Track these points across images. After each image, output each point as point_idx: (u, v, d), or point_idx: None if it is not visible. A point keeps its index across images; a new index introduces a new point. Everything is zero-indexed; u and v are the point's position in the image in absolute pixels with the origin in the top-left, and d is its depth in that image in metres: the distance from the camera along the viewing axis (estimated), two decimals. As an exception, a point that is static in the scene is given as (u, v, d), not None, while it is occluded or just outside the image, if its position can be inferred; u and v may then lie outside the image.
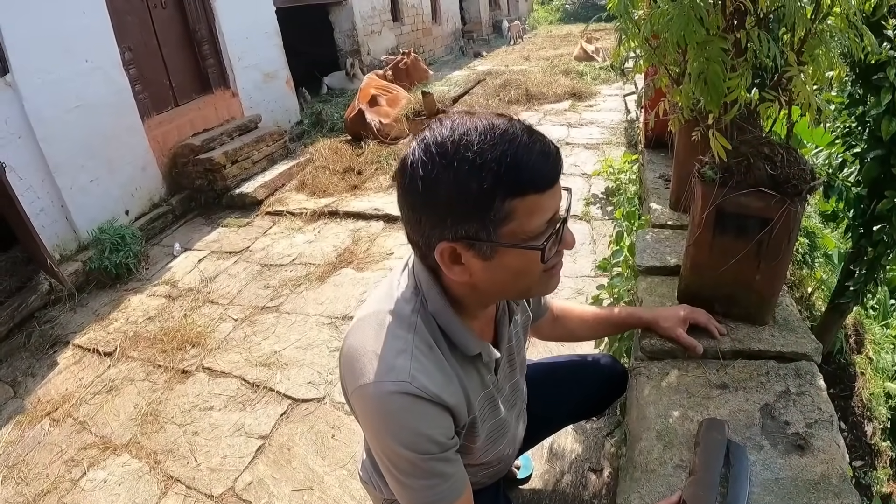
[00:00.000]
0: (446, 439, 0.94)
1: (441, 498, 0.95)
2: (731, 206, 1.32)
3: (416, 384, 0.87)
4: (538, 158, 0.80)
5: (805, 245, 2.49)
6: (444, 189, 0.80)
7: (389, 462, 0.94)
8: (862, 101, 1.62)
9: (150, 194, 4.79)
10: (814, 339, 1.45)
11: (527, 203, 0.80)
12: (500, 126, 0.80)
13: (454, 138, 0.79)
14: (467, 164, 0.78)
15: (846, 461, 1.16)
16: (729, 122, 1.35)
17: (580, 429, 2.22)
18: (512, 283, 0.91)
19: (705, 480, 1.10)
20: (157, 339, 3.13)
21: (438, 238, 0.84)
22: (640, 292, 1.74)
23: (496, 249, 0.84)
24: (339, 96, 8.10)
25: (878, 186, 1.62)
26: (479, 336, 1.03)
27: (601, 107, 6.76)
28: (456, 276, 0.88)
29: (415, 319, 0.93)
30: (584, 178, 4.63)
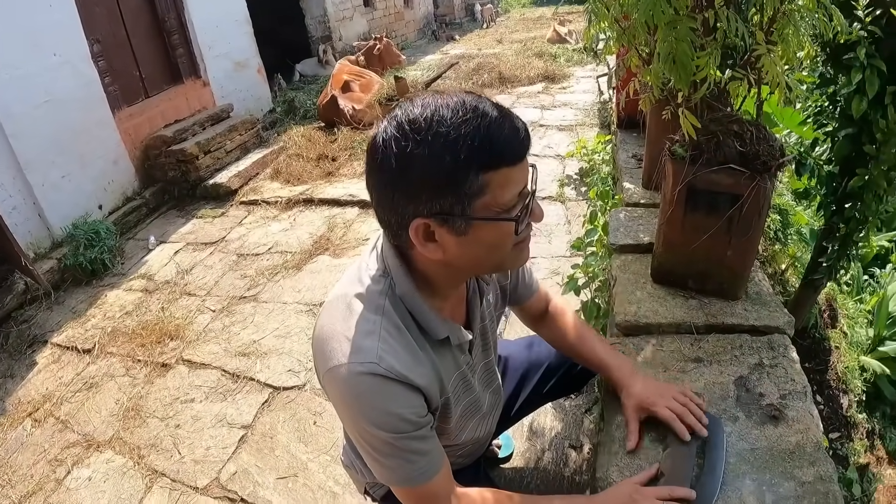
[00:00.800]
0: (418, 417, 0.94)
1: (420, 474, 0.96)
2: (701, 183, 1.34)
3: (384, 365, 0.88)
4: (509, 132, 0.81)
5: (777, 222, 2.53)
6: (418, 165, 0.80)
7: (365, 442, 0.95)
8: (833, 80, 1.64)
9: (123, 188, 4.71)
10: (786, 313, 1.48)
11: (500, 176, 0.82)
12: (470, 102, 0.81)
13: (426, 115, 0.80)
14: (441, 139, 0.79)
15: (820, 430, 1.19)
16: (699, 101, 1.37)
17: (559, 406, 2.25)
18: (485, 258, 0.92)
19: (682, 452, 1.12)
20: (135, 333, 3.10)
21: (412, 215, 0.85)
22: (614, 270, 1.76)
23: (470, 224, 0.84)
24: (311, 83, 8.00)
25: (849, 164, 1.64)
26: (450, 317, 1.04)
27: (574, 89, 6.77)
28: (430, 254, 0.89)
29: (382, 302, 0.94)
30: (557, 160, 4.65)
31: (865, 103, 1.43)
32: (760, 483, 1.07)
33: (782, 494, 1.05)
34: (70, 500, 2.15)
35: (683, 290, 1.57)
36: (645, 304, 1.55)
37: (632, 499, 1.02)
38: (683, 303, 1.53)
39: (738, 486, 1.07)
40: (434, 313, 0.98)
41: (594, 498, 1.06)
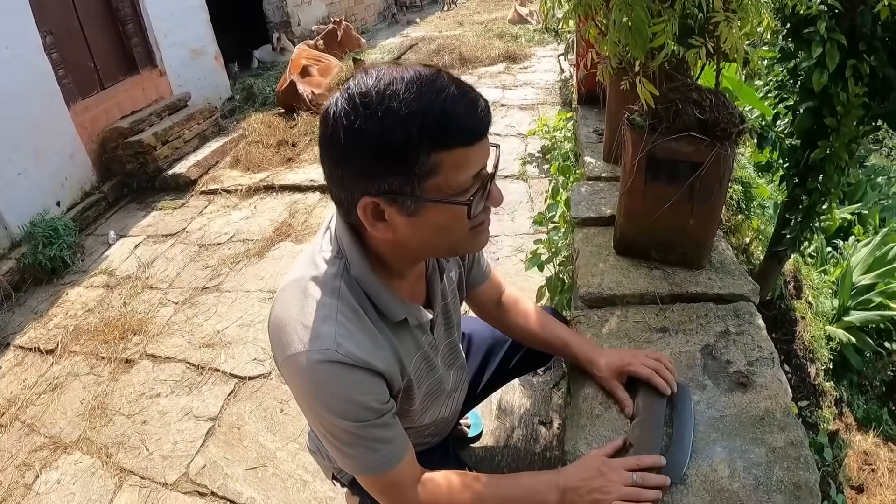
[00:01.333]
0: (380, 404, 0.92)
1: (383, 462, 0.94)
2: (661, 152, 1.33)
3: (342, 351, 0.85)
4: (466, 110, 0.77)
5: (740, 193, 2.56)
6: (367, 140, 0.76)
7: (326, 432, 0.93)
8: (793, 54, 1.64)
9: (81, 183, 4.58)
10: (751, 280, 1.49)
11: (453, 156, 0.78)
12: (427, 76, 0.77)
13: (379, 88, 0.76)
14: (392, 115, 0.74)
15: (789, 396, 1.19)
16: (657, 70, 1.36)
17: (527, 383, 2.26)
18: (437, 241, 0.89)
19: (650, 422, 1.11)
20: (98, 330, 3.03)
21: (361, 193, 0.81)
22: (576, 244, 1.75)
23: (421, 205, 0.81)
24: (270, 69, 7.86)
25: (810, 137, 1.65)
26: (409, 297, 1.02)
27: (535, 68, 6.77)
28: (379, 234, 0.86)
29: (338, 284, 0.91)
30: (519, 138, 4.65)
31: (826, 77, 1.43)
32: (731, 450, 1.08)
33: (753, 460, 1.05)
34: None
35: (647, 260, 1.56)
36: (608, 275, 1.54)
37: (599, 471, 1.01)
38: (647, 273, 1.53)
39: (708, 454, 1.07)
40: (391, 294, 0.95)
41: (561, 472, 1.05)
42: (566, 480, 1.01)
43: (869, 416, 2.80)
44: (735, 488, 1.01)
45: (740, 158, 2.85)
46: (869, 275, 3.00)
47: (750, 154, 2.90)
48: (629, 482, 0.99)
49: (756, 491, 1.00)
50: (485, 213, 0.89)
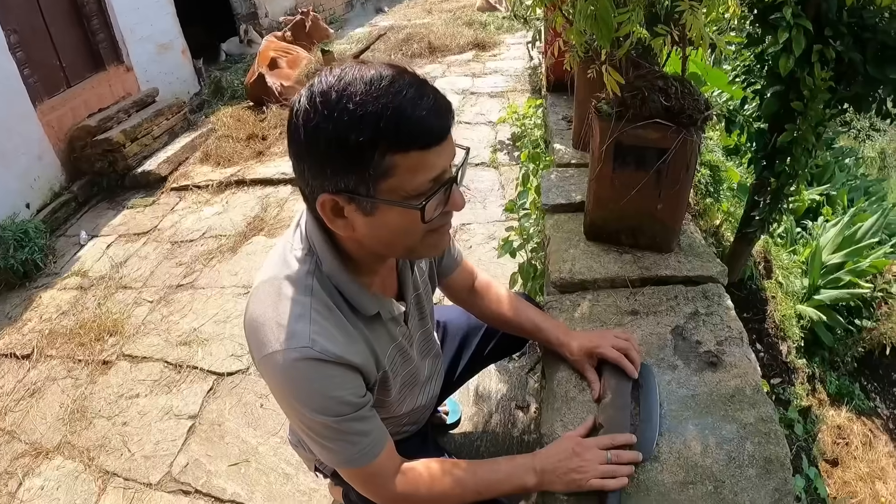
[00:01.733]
0: (358, 398, 0.93)
1: (363, 454, 0.96)
2: (628, 139, 1.36)
3: (318, 347, 0.86)
4: (424, 113, 0.77)
5: (708, 177, 2.59)
6: (323, 139, 0.77)
7: (306, 428, 0.94)
8: (760, 40, 1.67)
9: (50, 183, 4.49)
10: (719, 262, 1.52)
11: (409, 159, 0.78)
12: (387, 77, 0.77)
13: (339, 87, 0.76)
14: (347, 115, 0.75)
15: (758, 374, 1.23)
16: (624, 59, 1.38)
17: (503, 369, 2.28)
18: (395, 241, 0.89)
19: (617, 402, 1.14)
20: (73, 333, 2.99)
21: (320, 189, 0.82)
22: (547, 230, 1.77)
23: (377, 205, 0.82)
24: (238, 62, 7.74)
25: (778, 120, 1.68)
26: (380, 291, 1.03)
27: (505, 56, 6.76)
28: (339, 230, 0.87)
29: (311, 282, 0.92)
30: (489, 126, 4.66)
31: (792, 61, 1.45)
32: (703, 427, 1.11)
33: (725, 437, 1.08)
34: None
35: (617, 245, 1.59)
36: (579, 261, 1.56)
37: (574, 452, 1.04)
38: (617, 258, 1.55)
39: (681, 432, 1.10)
40: (362, 290, 0.96)
41: (537, 455, 1.07)
42: (543, 463, 1.04)
43: (841, 391, 2.87)
44: (708, 464, 1.04)
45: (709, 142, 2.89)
46: (838, 254, 3.06)
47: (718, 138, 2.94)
48: (604, 460, 1.02)
49: (728, 466, 1.04)
50: (443, 218, 0.89)
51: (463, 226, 3.31)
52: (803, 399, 2.45)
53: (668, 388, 1.20)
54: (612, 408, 1.13)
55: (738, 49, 1.91)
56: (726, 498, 0.99)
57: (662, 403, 1.16)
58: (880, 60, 1.46)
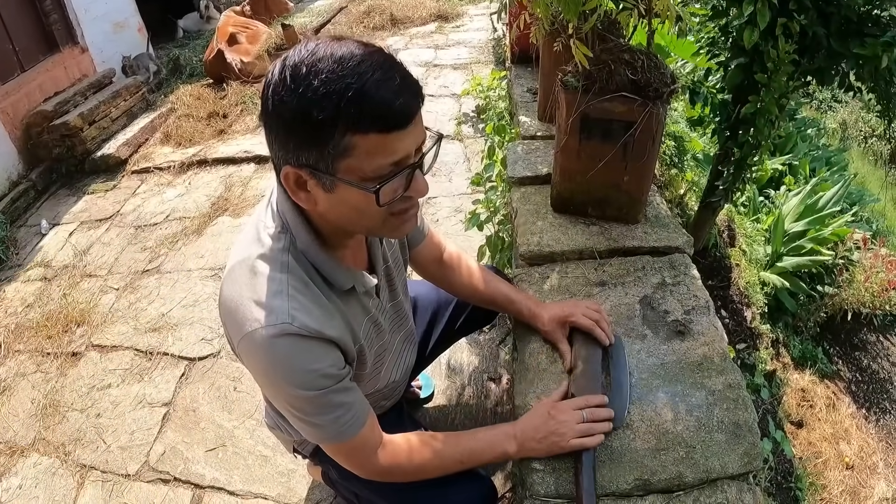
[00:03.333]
0: (338, 370, 0.94)
1: (348, 427, 0.97)
2: (595, 112, 1.37)
3: (297, 323, 0.86)
4: (387, 96, 0.76)
5: (673, 148, 2.62)
6: (288, 112, 0.77)
7: (289, 405, 0.94)
8: (725, 12, 1.68)
9: (8, 173, 4.35)
10: (685, 233, 1.55)
11: (368, 141, 0.78)
12: (357, 56, 0.77)
13: (308, 62, 0.76)
14: (311, 92, 0.75)
15: (725, 342, 1.26)
16: (590, 32, 1.38)
17: (474, 342, 2.30)
18: (354, 220, 0.89)
19: (588, 372, 1.17)
20: (40, 326, 2.92)
21: (284, 161, 0.83)
22: (514, 202, 1.78)
23: (335, 183, 0.82)
24: (196, 39, 7.50)
25: (741, 92, 1.69)
26: (351, 264, 1.03)
27: (468, 27, 6.69)
28: (302, 203, 0.88)
29: (286, 259, 0.92)
30: (453, 99, 4.63)
31: (757, 34, 1.46)
32: (673, 395, 1.14)
33: (694, 403, 1.12)
34: None
35: (584, 217, 1.61)
36: (547, 233, 1.58)
37: (550, 415, 1.07)
38: (585, 229, 1.57)
39: (651, 400, 1.13)
40: (337, 264, 0.97)
41: (516, 424, 1.10)
42: (522, 430, 1.07)
43: (805, 355, 2.96)
44: (679, 430, 1.08)
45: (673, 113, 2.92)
46: (800, 222, 3.13)
47: (683, 109, 2.97)
48: (580, 419, 1.05)
49: (699, 432, 1.07)
50: (404, 202, 0.89)
51: (429, 199, 3.29)
52: (768, 363, 2.52)
53: (637, 358, 1.23)
54: (584, 377, 1.16)
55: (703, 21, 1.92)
56: (697, 462, 1.03)
57: (632, 373, 1.19)
58: (843, 35, 1.48)
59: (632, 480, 1.02)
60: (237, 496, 1.92)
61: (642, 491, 1.02)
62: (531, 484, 1.05)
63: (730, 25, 1.69)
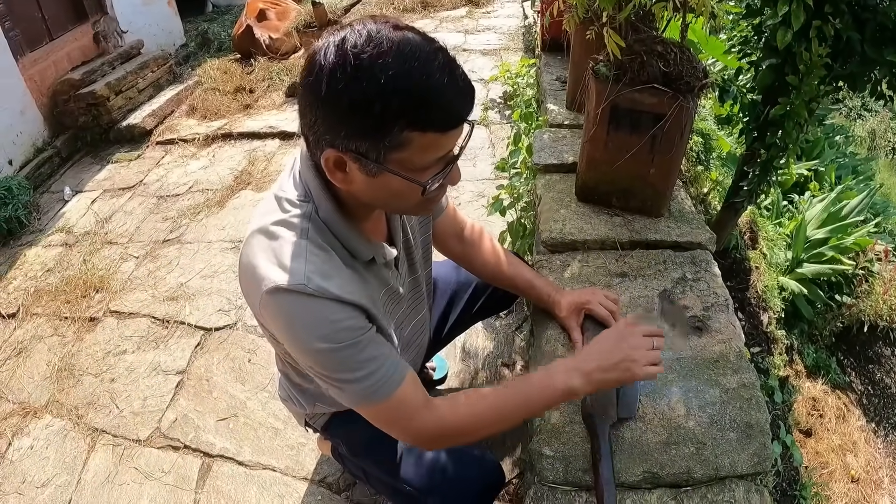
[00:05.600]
0: (361, 323, 0.92)
1: (383, 383, 0.92)
2: (624, 102, 1.36)
3: (312, 285, 0.86)
4: (451, 99, 0.78)
5: (700, 145, 2.60)
6: (346, 100, 0.76)
7: (316, 364, 0.92)
8: (759, 11, 1.65)
9: (33, 139, 4.40)
10: (708, 230, 1.54)
11: (425, 139, 0.79)
12: (423, 54, 0.76)
13: (373, 54, 0.74)
14: (376, 86, 0.74)
15: (742, 341, 1.25)
16: (624, 21, 1.37)
17: (490, 326, 2.31)
18: (390, 202, 0.91)
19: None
20: (59, 290, 2.96)
21: (329, 144, 0.82)
22: (538, 189, 1.78)
23: (382, 171, 0.83)
24: (225, 13, 7.56)
25: (771, 93, 1.67)
26: (371, 235, 1.03)
27: (499, 13, 6.65)
28: (336, 182, 0.87)
29: (306, 225, 0.91)
30: (481, 84, 4.61)
31: (790, 35, 1.44)
32: (687, 390, 1.13)
33: (708, 400, 1.11)
34: (15, 473, 2.07)
35: (608, 207, 1.60)
36: (570, 221, 1.57)
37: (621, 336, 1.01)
38: (608, 220, 1.57)
39: (665, 394, 1.13)
40: (359, 234, 0.97)
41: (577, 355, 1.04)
42: (587, 360, 1.00)
43: (818, 364, 2.93)
44: (690, 426, 1.07)
45: (701, 111, 2.89)
46: (822, 229, 3.09)
47: (711, 107, 2.94)
48: (651, 345, 1.00)
49: (710, 428, 1.06)
50: (440, 190, 0.91)
51: (453, 184, 3.27)
52: (781, 369, 2.49)
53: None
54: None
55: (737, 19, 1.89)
56: (707, 459, 1.02)
57: None
58: (878, 41, 1.45)
59: (640, 473, 1.02)
60: (245, 466, 1.94)
61: (650, 484, 1.02)
62: (540, 470, 1.05)
63: (763, 25, 1.67)
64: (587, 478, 1.03)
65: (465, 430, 0.99)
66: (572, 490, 1.03)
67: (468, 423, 0.99)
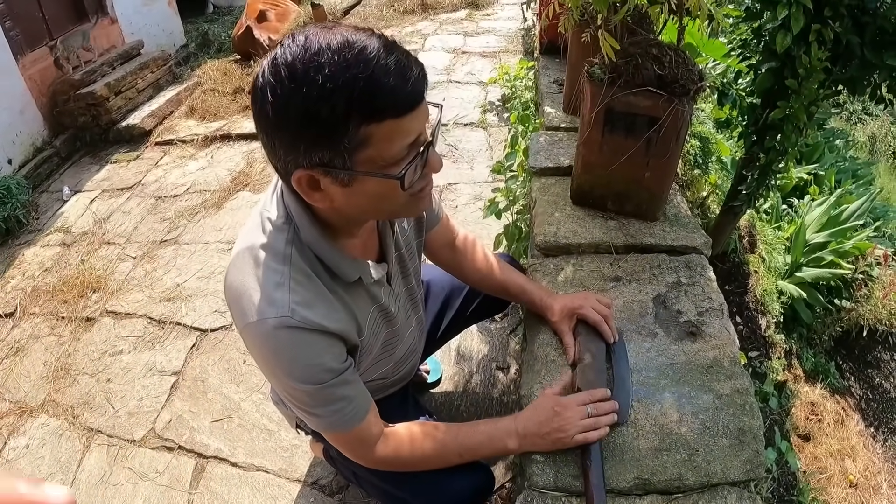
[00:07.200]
0: (339, 364, 0.93)
1: (349, 419, 0.97)
2: (619, 105, 1.35)
3: (297, 317, 0.85)
4: (396, 80, 0.74)
5: (698, 149, 2.59)
6: (294, 114, 0.74)
7: (291, 396, 0.95)
8: (759, 14, 1.64)
9: (33, 139, 4.41)
10: (703, 234, 1.53)
11: (384, 128, 0.76)
12: (356, 44, 0.73)
13: (305, 58, 0.72)
14: (316, 89, 0.71)
15: (737, 346, 1.24)
16: (619, 24, 1.36)
17: (485, 330, 2.31)
18: (376, 208, 0.88)
19: (594, 366, 1.16)
20: (56, 290, 2.97)
21: (294, 165, 0.79)
22: (534, 192, 1.77)
23: (354, 176, 0.80)
24: (226, 14, 7.60)
25: (771, 96, 1.67)
26: (360, 254, 1.02)
27: (498, 16, 6.65)
28: (317, 203, 0.85)
29: (289, 251, 0.90)
30: (479, 86, 4.61)
31: (790, 39, 1.43)
32: (680, 396, 1.12)
33: (701, 406, 1.10)
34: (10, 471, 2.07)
35: (603, 211, 1.60)
36: (565, 225, 1.57)
37: (554, 411, 1.05)
38: (602, 223, 1.56)
39: (658, 399, 1.12)
40: (342, 256, 0.95)
41: (518, 418, 1.09)
42: (524, 426, 1.06)
43: (817, 368, 2.92)
44: (683, 432, 1.06)
45: (700, 114, 2.88)
46: (822, 233, 3.08)
47: (710, 110, 2.93)
48: (584, 415, 1.04)
49: (703, 435, 1.06)
50: (423, 181, 0.88)
51: (449, 185, 3.29)
52: (779, 374, 2.48)
53: (647, 356, 1.22)
54: (591, 370, 1.15)
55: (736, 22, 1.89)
56: (699, 466, 1.01)
57: (640, 371, 1.18)
58: (878, 45, 1.45)
59: (631, 479, 1.01)
60: (239, 468, 1.94)
61: (641, 490, 1.01)
62: (530, 475, 1.05)
63: (763, 28, 1.66)
64: (577, 483, 1.02)
65: (411, 463, 1.08)
66: (562, 496, 1.02)
67: (414, 458, 1.07)
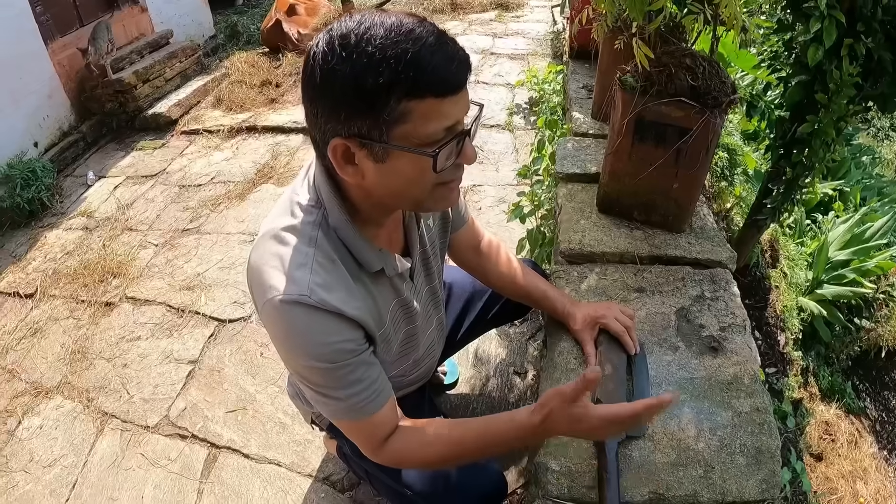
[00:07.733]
0: (356, 346, 0.93)
1: (364, 404, 0.95)
2: (650, 115, 1.34)
3: (315, 297, 0.86)
4: (441, 61, 0.76)
5: (725, 160, 2.57)
6: (339, 82, 0.76)
7: (304, 377, 0.94)
8: (790, 27, 1.62)
9: (59, 123, 4.45)
10: (729, 248, 1.51)
11: (424, 106, 0.77)
12: (407, 24, 0.76)
13: (358, 31, 0.75)
14: (366, 58, 0.74)
15: (758, 364, 1.23)
16: (653, 33, 1.35)
17: (504, 334, 2.29)
18: (404, 191, 0.88)
19: (614, 378, 1.15)
20: (77, 273, 3.00)
21: (333, 133, 0.81)
22: (560, 198, 1.76)
23: (389, 151, 0.81)
24: (255, 7, 7.62)
25: (800, 110, 1.64)
26: (386, 245, 1.02)
27: (528, 18, 6.63)
28: (349, 177, 0.86)
29: (315, 233, 0.91)
30: (507, 88, 4.59)
31: (821, 53, 1.41)
32: (699, 411, 1.11)
33: (719, 423, 1.09)
34: (23, 451, 2.10)
35: (628, 220, 1.59)
36: (590, 232, 1.56)
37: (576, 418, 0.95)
38: (628, 233, 1.55)
39: (676, 414, 1.11)
40: (369, 245, 0.95)
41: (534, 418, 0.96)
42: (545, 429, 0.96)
43: (833, 387, 2.88)
44: (700, 448, 1.05)
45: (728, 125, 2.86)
46: (845, 251, 3.04)
47: (738, 121, 2.91)
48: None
49: (720, 452, 1.04)
50: (454, 171, 0.89)
51: (474, 187, 3.28)
52: (795, 391, 2.46)
53: (667, 370, 1.21)
54: (612, 381, 1.14)
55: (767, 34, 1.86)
56: (715, 483, 1.00)
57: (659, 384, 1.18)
58: (910, 62, 1.43)
59: (646, 493, 1.00)
60: (251, 459, 1.95)
61: (655, 505, 1.00)
62: (545, 484, 1.04)
63: (794, 41, 1.64)
64: (592, 495, 1.01)
65: (421, 463, 1.06)
66: (576, 506, 1.01)
67: (425, 457, 1.03)
